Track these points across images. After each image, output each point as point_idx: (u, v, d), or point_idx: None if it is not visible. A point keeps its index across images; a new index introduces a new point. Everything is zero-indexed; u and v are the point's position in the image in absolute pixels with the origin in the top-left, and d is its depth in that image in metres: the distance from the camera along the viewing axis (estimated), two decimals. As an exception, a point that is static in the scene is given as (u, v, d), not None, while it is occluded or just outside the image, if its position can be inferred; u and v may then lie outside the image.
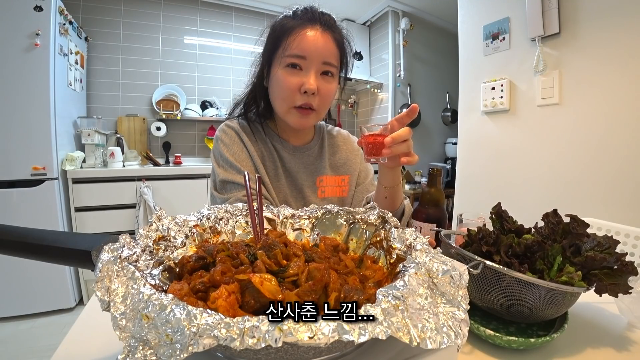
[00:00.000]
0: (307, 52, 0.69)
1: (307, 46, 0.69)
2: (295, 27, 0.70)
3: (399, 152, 0.61)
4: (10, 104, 1.74)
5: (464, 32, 1.86)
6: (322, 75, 0.72)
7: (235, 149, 0.78)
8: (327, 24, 0.72)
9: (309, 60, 0.70)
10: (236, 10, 2.98)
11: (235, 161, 0.76)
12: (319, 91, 0.71)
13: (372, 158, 0.63)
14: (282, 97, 0.73)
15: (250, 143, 0.79)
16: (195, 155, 2.83)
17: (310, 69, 0.70)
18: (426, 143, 3.35)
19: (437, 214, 0.69)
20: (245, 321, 0.22)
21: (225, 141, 0.79)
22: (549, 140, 1.47)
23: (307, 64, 0.70)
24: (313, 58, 0.70)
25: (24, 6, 1.73)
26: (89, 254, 0.35)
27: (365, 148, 0.64)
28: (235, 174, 0.75)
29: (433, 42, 3.31)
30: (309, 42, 0.69)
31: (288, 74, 0.70)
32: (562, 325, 0.44)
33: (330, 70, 0.73)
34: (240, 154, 0.78)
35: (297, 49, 0.69)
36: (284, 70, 0.71)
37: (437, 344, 0.25)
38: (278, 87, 0.73)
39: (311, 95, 0.71)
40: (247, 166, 0.77)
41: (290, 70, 0.71)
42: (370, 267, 0.42)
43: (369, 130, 0.63)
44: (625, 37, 1.22)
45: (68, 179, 1.96)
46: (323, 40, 0.70)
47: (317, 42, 0.70)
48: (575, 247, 0.46)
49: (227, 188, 0.75)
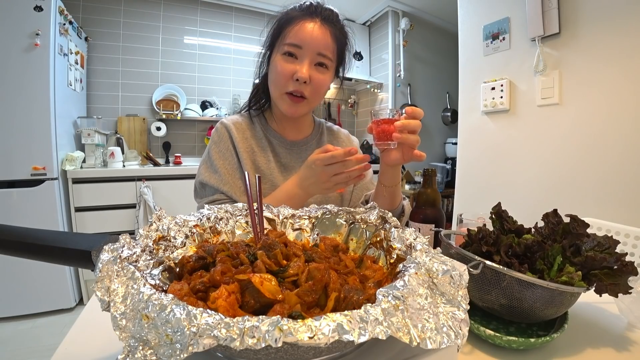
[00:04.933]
0: (303, 41, 0.72)
1: (303, 36, 0.72)
2: (297, 17, 0.73)
3: (408, 142, 0.63)
4: (11, 104, 1.74)
5: (464, 32, 1.86)
6: (316, 66, 0.75)
7: (222, 146, 0.80)
8: (327, 18, 0.75)
9: (304, 49, 0.73)
10: (236, 10, 2.98)
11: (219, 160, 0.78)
12: (312, 80, 0.74)
13: (383, 143, 0.64)
14: (276, 82, 0.76)
15: (241, 139, 0.81)
16: (195, 155, 2.83)
17: (304, 58, 0.73)
18: (426, 143, 3.34)
19: (434, 214, 0.69)
20: (245, 321, 0.22)
21: (215, 139, 0.82)
22: (549, 140, 1.47)
23: (302, 53, 0.73)
24: (308, 48, 0.72)
25: (24, 6, 1.73)
26: (89, 254, 0.35)
27: (376, 132, 0.65)
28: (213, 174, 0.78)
29: (433, 42, 3.31)
30: (306, 32, 0.72)
31: (283, 61, 0.74)
32: (562, 325, 0.44)
33: (324, 62, 0.75)
34: (226, 152, 0.80)
35: (294, 38, 0.72)
36: (281, 57, 0.74)
37: (437, 344, 0.24)
38: (274, 73, 0.76)
39: (303, 83, 0.73)
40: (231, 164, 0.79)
41: (286, 57, 0.74)
42: (370, 267, 0.42)
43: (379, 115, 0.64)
44: (626, 37, 1.22)
45: (68, 179, 1.96)
46: (320, 33, 0.73)
47: (314, 33, 0.73)
48: (575, 247, 0.46)
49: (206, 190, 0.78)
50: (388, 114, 0.64)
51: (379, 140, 0.65)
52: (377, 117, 0.65)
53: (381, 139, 0.64)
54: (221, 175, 0.77)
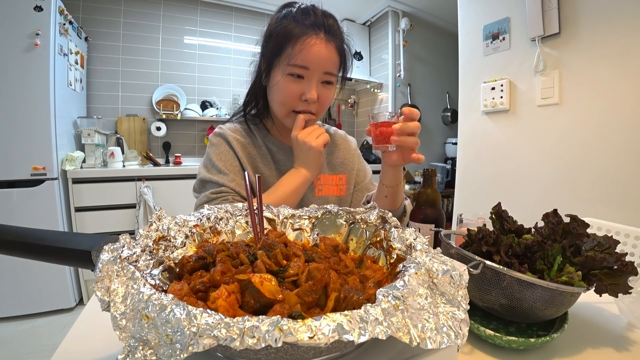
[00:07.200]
0: (311, 63, 0.70)
1: (310, 58, 0.70)
2: (300, 35, 0.70)
3: (407, 144, 0.63)
4: (11, 104, 1.74)
5: (464, 32, 1.86)
6: (322, 84, 0.74)
7: (222, 149, 0.79)
8: (330, 30, 0.72)
9: (312, 70, 0.71)
10: (236, 10, 2.98)
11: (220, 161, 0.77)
12: (319, 98, 0.73)
13: (381, 145, 0.65)
14: (283, 102, 0.75)
15: (240, 147, 0.79)
16: (195, 155, 2.83)
17: (312, 79, 0.72)
18: (426, 143, 3.34)
19: (434, 214, 0.69)
20: (245, 321, 0.22)
21: (214, 142, 0.81)
22: (549, 140, 1.47)
23: (310, 74, 0.71)
24: (315, 69, 0.71)
25: (24, 6, 1.73)
26: (89, 254, 0.35)
27: (374, 136, 0.66)
28: (216, 173, 0.76)
29: (433, 42, 3.31)
30: (313, 54, 0.70)
31: (290, 82, 0.72)
32: (562, 325, 0.44)
33: (331, 79, 0.75)
34: (227, 154, 0.79)
35: (301, 60, 0.70)
36: (286, 78, 0.72)
37: (437, 344, 0.24)
38: (279, 93, 0.74)
39: (312, 103, 0.73)
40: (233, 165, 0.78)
41: (292, 78, 0.72)
42: (370, 267, 0.42)
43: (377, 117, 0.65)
44: (626, 37, 1.22)
45: (68, 179, 1.96)
46: (327, 51, 0.71)
47: (321, 53, 0.71)
48: (575, 247, 0.46)
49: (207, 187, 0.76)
50: (387, 116, 0.65)
51: (377, 143, 0.66)
52: (375, 120, 0.65)
53: (380, 141, 0.65)
54: (227, 174, 0.75)
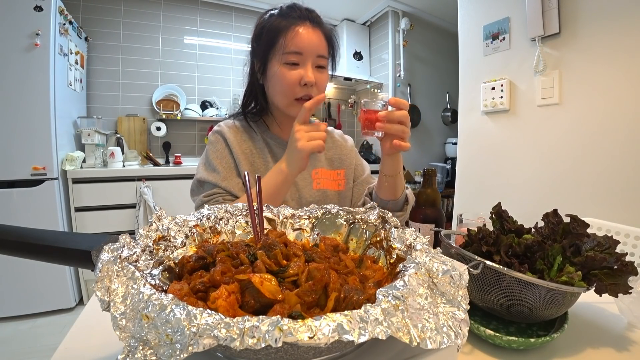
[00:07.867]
0: (303, 48, 0.75)
1: (302, 43, 0.75)
2: (289, 26, 0.76)
3: (392, 132, 0.66)
4: (10, 104, 1.74)
5: (464, 32, 1.86)
6: (316, 68, 0.78)
7: (219, 146, 0.82)
8: (315, 20, 0.79)
9: (305, 55, 0.76)
10: (236, 10, 2.98)
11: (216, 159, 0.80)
12: (316, 82, 0.77)
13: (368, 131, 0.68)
14: (284, 91, 0.78)
15: (237, 142, 0.83)
16: (195, 155, 2.83)
17: (307, 63, 0.76)
18: (426, 143, 3.35)
19: (434, 214, 0.69)
20: (245, 321, 0.22)
21: (212, 140, 0.84)
22: (549, 140, 1.47)
23: (304, 59, 0.76)
24: (308, 53, 0.76)
25: (24, 6, 1.73)
26: (89, 254, 0.35)
27: (362, 121, 0.69)
28: (211, 172, 0.79)
29: (433, 42, 3.31)
30: (304, 39, 0.76)
31: (287, 70, 0.76)
32: (562, 325, 0.44)
33: (323, 63, 0.79)
34: (223, 152, 0.82)
35: (293, 46, 0.75)
36: (283, 67, 0.76)
37: (437, 344, 0.25)
38: (279, 83, 0.78)
39: (310, 87, 0.77)
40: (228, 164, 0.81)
41: (288, 66, 0.76)
42: (370, 267, 0.42)
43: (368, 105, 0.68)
44: (626, 37, 1.22)
45: (68, 179, 1.96)
46: (316, 36, 0.77)
47: (311, 38, 0.76)
48: (575, 247, 0.46)
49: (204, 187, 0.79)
50: (378, 104, 0.68)
51: (365, 129, 0.68)
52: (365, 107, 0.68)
53: (367, 127, 0.68)
54: (220, 173, 0.79)
